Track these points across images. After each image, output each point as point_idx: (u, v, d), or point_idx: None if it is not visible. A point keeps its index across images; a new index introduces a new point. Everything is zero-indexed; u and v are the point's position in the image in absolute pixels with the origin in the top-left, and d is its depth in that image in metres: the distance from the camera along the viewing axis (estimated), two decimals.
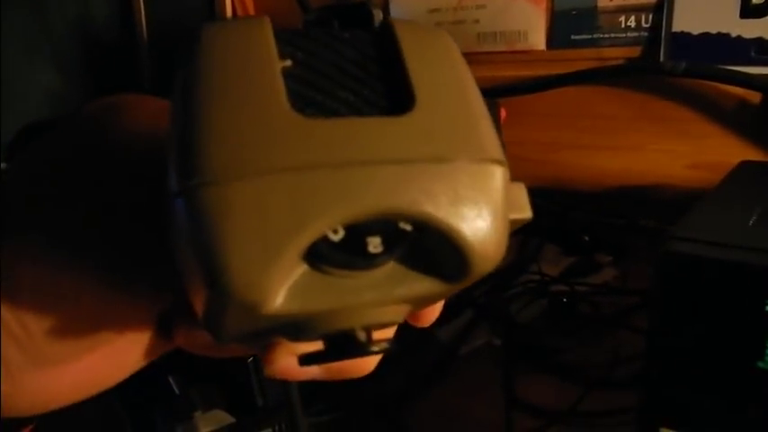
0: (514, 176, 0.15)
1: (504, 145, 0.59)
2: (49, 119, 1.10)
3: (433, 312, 0.20)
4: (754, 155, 0.65)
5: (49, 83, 1.10)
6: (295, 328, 0.13)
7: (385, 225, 0.12)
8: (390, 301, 0.13)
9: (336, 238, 0.12)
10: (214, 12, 1.02)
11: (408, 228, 0.12)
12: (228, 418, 0.48)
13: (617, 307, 0.60)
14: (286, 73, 0.12)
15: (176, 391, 0.48)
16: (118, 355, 0.20)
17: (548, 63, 0.75)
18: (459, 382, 0.53)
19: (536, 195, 0.70)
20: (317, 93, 0.12)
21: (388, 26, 0.13)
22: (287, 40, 0.13)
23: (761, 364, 0.32)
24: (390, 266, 0.13)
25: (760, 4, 0.60)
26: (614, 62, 0.70)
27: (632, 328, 0.55)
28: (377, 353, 0.14)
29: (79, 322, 0.18)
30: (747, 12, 0.61)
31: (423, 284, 0.13)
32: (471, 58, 0.86)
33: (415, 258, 0.13)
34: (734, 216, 0.39)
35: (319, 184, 0.11)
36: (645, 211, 0.67)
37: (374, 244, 0.12)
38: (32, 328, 0.17)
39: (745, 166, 0.53)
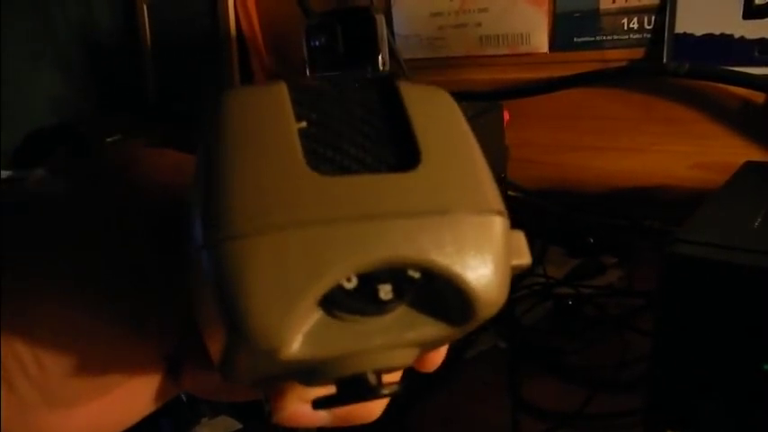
0: (519, 178, 0.15)
1: (507, 147, 0.58)
2: (52, 125, 1.10)
3: (437, 358, 0.20)
4: (758, 155, 0.65)
5: (52, 88, 1.10)
6: (309, 372, 0.14)
7: (395, 273, 0.13)
8: (400, 345, 0.14)
9: (350, 285, 0.12)
10: (217, 16, 1.03)
11: (417, 275, 0.13)
12: (235, 425, 0.48)
13: (622, 308, 0.60)
14: (302, 133, 0.13)
15: (183, 397, 0.48)
16: (129, 398, 0.20)
17: (550, 65, 0.75)
18: (466, 385, 0.53)
19: (540, 197, 0.69)
20: (331, 150, 0.13)
21: (393, 87, 0.15)
22: (302, 102, 0.14)
23: (766, 367, 0.32)
24: (400, 311, 0.13)
25: (763, 4, 0.60)
26: (617, 64, 0.70)
27: (638, 330, 0.55)
28: (387, 395, 0.14)
29: (93, 362, 0.18)
30: (750, 13, 0.61)
31: (431, 328, 0.14)
32: (474, 61, 0.86)
33: (423, 304, 0.14)
34: (738, 218, 0.39)
35: (334, 237, 0.12)
36: (649, 212, 0.67)
37: (385, 291, 0.13)
38: (48, 366, 0.17)
39: (749, 166, 0.53)
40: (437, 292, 0.13)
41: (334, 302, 0.12)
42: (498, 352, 0.56)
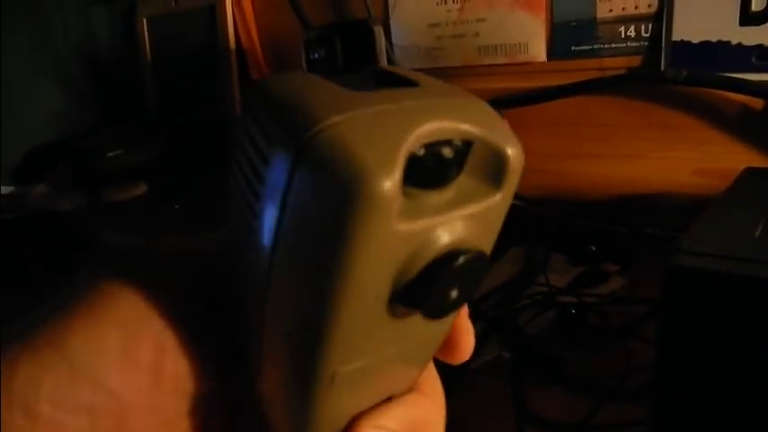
0: (519, 187, 0.18)
1: None
2: (53, 140, 1.10)
3: (468, 345, 0.22)
4: (757, 160, 0.65)
5: (53, 103, 1.11)
6: (407, 267, 0.16)
7: (447, 144, 0.16)
8: (468, 216, 0.17)
9: (421, 153, 0.15)
10: (216, 29, 1.03)
11: (460, 145, 0.16)
12: None
13: (626, 316, 0.59)
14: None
15: None
16: None
17: (549, 74, 0.75)
18: (470, 395, 0.52)
19: (541, 205, 0.69)
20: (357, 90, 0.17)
21: (380, 68, 0.19)
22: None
23: None
24: (457, 186, 0.17)
25: (759, 11, 0.60)
26: (615, 72, 0.70)
27: (642, 338, 0.55)
28: (470, 254, 0.16)
29: None
30: (747, 19, 0.61)
31: (483, 196, 0.17)
32: (472, 71, 0.87)
33: (471, 176, 0.17)
34: (740, 226, 0.39)
35: (401, 113, 0.15)
36: (650, 219, 0.67)
37: (447, 151, 0.16)
38: None
39: (749, 173, 0.53)
40: (479, 162, 0.17)
41: (413, 170, 0.15)
42: (502, 362, 0.56)
